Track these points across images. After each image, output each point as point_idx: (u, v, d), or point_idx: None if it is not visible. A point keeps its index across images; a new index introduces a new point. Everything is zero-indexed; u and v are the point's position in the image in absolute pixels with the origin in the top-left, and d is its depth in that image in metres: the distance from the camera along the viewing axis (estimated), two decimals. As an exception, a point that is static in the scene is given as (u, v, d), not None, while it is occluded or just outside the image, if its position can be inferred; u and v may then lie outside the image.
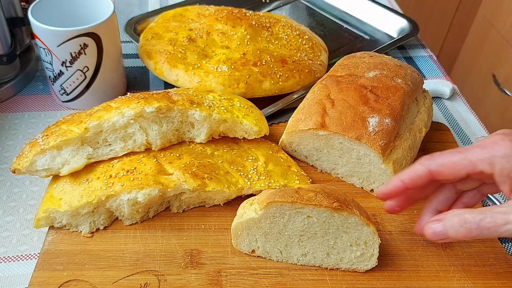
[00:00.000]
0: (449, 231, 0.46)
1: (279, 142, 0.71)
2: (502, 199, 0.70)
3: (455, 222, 0.46)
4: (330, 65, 0.83)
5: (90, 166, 0.60)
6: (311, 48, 0.87)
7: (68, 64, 0.72)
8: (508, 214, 0.43)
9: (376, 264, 0.56)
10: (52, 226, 0.59)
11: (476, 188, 0.53)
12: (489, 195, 0.69)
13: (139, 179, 0.57)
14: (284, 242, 0.56)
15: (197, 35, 0.83)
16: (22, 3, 0.86)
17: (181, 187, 0.59)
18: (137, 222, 0.61)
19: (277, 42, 0.85)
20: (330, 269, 0.57)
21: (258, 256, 0.57)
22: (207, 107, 0.64)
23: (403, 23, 1.03)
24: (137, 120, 0.60)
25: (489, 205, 0.68)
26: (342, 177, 0.69)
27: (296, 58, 0.82)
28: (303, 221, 0.54)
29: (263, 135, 0.67)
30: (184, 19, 0.87)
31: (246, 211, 0.56)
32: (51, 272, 0.54)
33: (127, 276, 0.54)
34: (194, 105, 0.63)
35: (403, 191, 0.51)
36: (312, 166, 0.71)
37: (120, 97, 0.64)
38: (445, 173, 0.48)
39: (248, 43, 0.82)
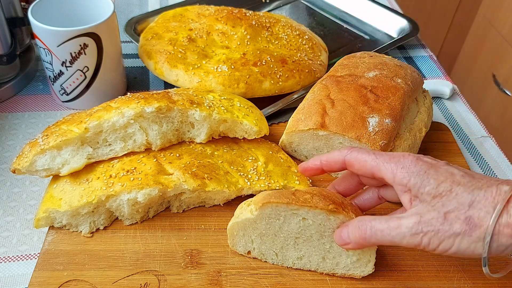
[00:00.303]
0: (350, 234, 0.49)
1: (279, 142, 0.71)
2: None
3: (354, 226, 0.49)
4: (330, 65, 0.83)
5: (90, 166, 0.60)
6: (311, 48, 0.87)
7: (68, 64, 0.72)
8: (399, 219, 0.45)
9: (373, 270, 0.55)
10: (52, 226, 0.59)
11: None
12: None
13: (139, 179, 0.57)
14: (279, 244, 0.55)
15: (197, 35, 0.83)
16: (22, 3, 0.86)
17: (181, 187, 0.59)
18: (137, 222, 0.61)
19: (277, 42, 0.85)
20: (326, 274, 0.56)
21: (254, 258, 0.57)
22: (207, 107, 0.64)
23: (403, 23, 1.03)
24: (137, 120, 0.60)
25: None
26: (342, 177, 0.69)
27: (296, 58, 0.82)
28: (299, 223, 0.53)
29: (263, 135, 0.67)
30: (184, 19, 0.87)
31: (243, 211, 0.55)
32: (51, 272, 0.54)
33: (127, 276, 0.54)
34: (194, 105, 0.63)
35: (319, 170, 0.56)
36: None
37: (120, 97, 0.64)
38: (355, 166, 0.51)
39: (248, 43, 0.82)
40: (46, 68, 0.75)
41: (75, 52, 0.71)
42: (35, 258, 0.58)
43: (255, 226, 0.55)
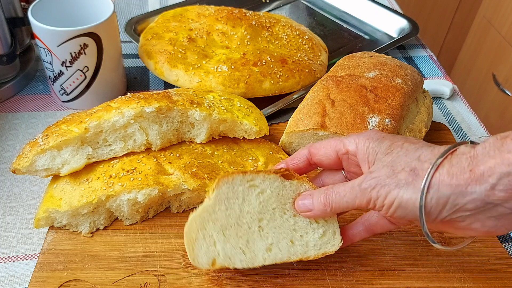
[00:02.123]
0: (314, 200, 0.50)
1: (279, 142, 0.71)
2: None
3: (321, 190, 0.50)
4: (330, 65, 0.83)
5: (90, 166, 0.60)
6: (311, 48, 0.87)
7: (68, 64, 0.72)
8: (355, 181, 0.46)
9: (341, 242, 0.53)
10: (52, 226, 0.59)
11: None
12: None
13: (139, 179, 0.57)
14: (245, 237, 0.51)
15: (197, 35, 0.83)
16: (22, 3, 0.86)
17: (181, 187, 0.59)
18: (137, 222, 0.61)
19: (277, 42, 0.85)
20: (300, 260, 0.52)
21: (220, 271, 0.54)
22: (207, 107, 0.64)
23: (403, 23, 1.03)
24: (137, 120, 0.60)
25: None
26: (342, 177, 0.69)
27: (296, 58, 0.82)
28: (258, 198, 0.51)
29: (263, 135, 0.67)
30: (184, 19, 0.87)
31: (198, 208, 0.51)
32: (51, 272, 0.54)
33: (127, 276, 0.54)
34: (194, 105, 0.63)
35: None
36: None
37: (120, 97, 0.64)
38: (321, 151, 0.52)
39: (248, 43, 0.82)
40: (46, 68, 0.75)
41: (75, 52, 0.71)
42: (35, 258, 0.58)
43: (215, 217, 0.50)
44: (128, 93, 0.65)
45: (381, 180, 0.44)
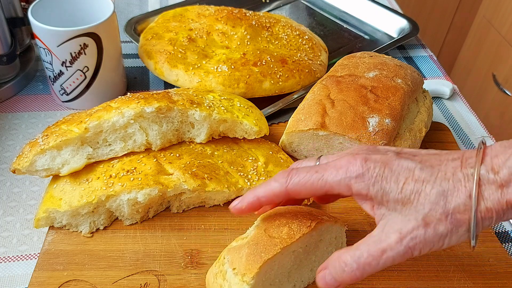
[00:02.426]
0: (337, 279, 0.43)
1: (279, 142, 0.71)
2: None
3: (337, 268, 0.43)
4: (330, 65, 0.83)
5: (90, 166, 0.60)
6: (311, 48, 0.87)
7: (68, 64, 0.72)
8: (380, 243, 0.41)
9: None
10: (52, 226, 0.59)
11: None
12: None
13: (139, 179, 0.57)
14: (276, 286, 0.51)
15: (197, 35, 0.83)
16: (22, 3, 0.86)
17: (181, 187, 0.59)
18: (137, 222, 0.61)
19: (277, 42, 0.85)
20: None
21: None
22: (207, 107, 0.64)
23: (403, 23, 1.03)
24: (137, 120, 0.60)
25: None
26: (342, 177, 0.69)
27: (296, 58, 0.82)
28: (290, 258, 0.50)
29: (263, 135, 0.67)
30: (184, 19, 0.87)
31: (227, 284, 0.48)
32: (51, 272, 0.54)
33: (127, 276, 0.54)
34: (194, 105, 0.63)
35: (258, 207, 0.48)
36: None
37: (120, 97, 0.64)
38: (302, 193, 0.45)
39: (248, 43, 0.82)
40: (46, 68, 0.75)
41: (75, 52, 0.71)
42: (35, 258, 0.58)
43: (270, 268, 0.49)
44: (128, 93, 0.65)
45: (417, 239, 0.40)
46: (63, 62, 0.72)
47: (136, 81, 0.88)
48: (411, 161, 0.42)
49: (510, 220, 0.66)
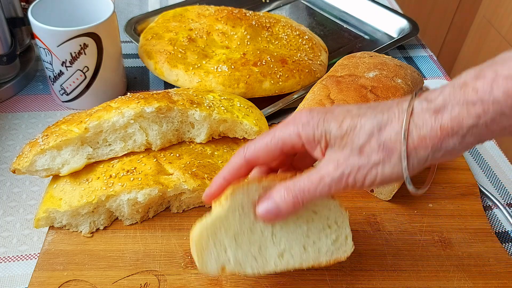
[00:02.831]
0: (280, 205, 0.45)
1: (279, 142, 0.71)
2: (502, 198, 0.70)
3: (279, 193, 0.45)
4: (330, 65, 0.83)
5: (90, 166, 0.60)
6: (311, 48, 0.87)
7: (68, 64, 0.72)
8: (319, 171, 0.44)
9: (353, 247, 0.52)
10: (52, 226, 0.59)
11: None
12: (485, 192, 0.69)
13: (139, 179, 0.57)
14: (257, 243, 0.49)
15: (197, 35, 0.83)
16: (22, 3, 0.86)
17: (181, 187, 0.59)
18: (137, 222, 0.61)
19: (277, 42, 0.85)
20: (313, 268, 0.52)
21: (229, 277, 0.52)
22: (207, 107, 0.64)
23: (403, 23, 1.03)
24: (137, 120, 0.60)
25: (489, 205, 0.69)
26: (342, 177, 0.69)
27: (296, 58, 0.82)
28: None
29: (263, 135, 0.67)
30: (184, 19, 0.87)
31: (206, 217, 0.48)
32: (51, 272, 0.54)
33: (127, 276, 0.54)
34: (194, 105, 0.63)
35: (226, 186, 0.50)
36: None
37: (120, 97, 0.64)
38: (261, 157, 0.48)
39: (248, 43, 0.82)
40: (46, 68, 0.75)
41: (75, 52, 0.71)
42: (35, 258, 0.58)
43: (228, 225, 0.48)
44: (128, 93, 0.65)
45: (352, 165, 0.43)
46: (63, 62, 0.72)
47: (136, 81, 0.88)
48: (350, 105, 0.46)
49: (510, 220, 0.66)
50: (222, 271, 0.48)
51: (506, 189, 0.71)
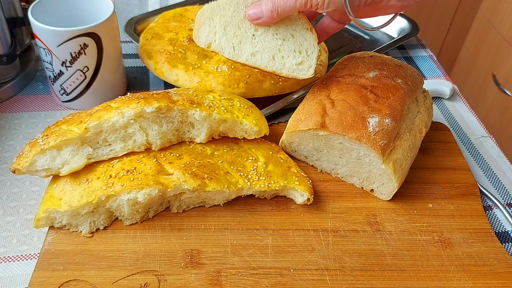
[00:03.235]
0: (263, 11, 0.60)
1: (279, 143, 0.71)
2: (502, 198, 0.70)
3: (268, 3, 0.59)
4: (330, 65, 0.83)
5: (90, 166, 0.60)
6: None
7: (68, 64, 0.72)
8: None
9: (313, 75, 0.64)
10: (52, 226, 0.59)
11: None
12: (485, 192, 0.69)
13: (139, 179, 0.57)
14: (239, 37, 0.64)
15: (197, 35, 0.83)
16: (22, 3, 0.86)
17: (181, 187, 0.59)
18: (137, 222, 0.61)
19: (277, 42, 0.85)
20: (272, 72, 0.66)
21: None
22: (207, 107, 0.64)
23: (403, 23, 1.04)
24: (137, 120, 0.60)
25: (489, 205, 0.69)
26: (342, 177, 0.69)
27: (296, 58, 0.82)
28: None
29: (263, 135, 0.67)
30: (184, 19, 0.87)
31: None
32: (51, 272, 0.54)
33: (127, 276, 0.54)
34: (194, 105, 0.63)
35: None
36: (312, 166, 0.71)
37: (120, 97, 0.64)
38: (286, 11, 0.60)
39: (248, 43, 0.82)
40: (46, 68, 0.75)
41: (75, 52, 0.71)
42: (35, 258, 0.58)
43: (222, 13, 0.63)
44: (128, 93, 0.65)
45: None
46: (63, 62, 0.72)
47: (136, 81, 0.88)
48: None
49: (510, 220, 0.66)
50: (207, 47, 0.66)
51: (506, 189, 0.72)
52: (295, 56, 0.64)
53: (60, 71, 0.73)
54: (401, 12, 1.09)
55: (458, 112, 0.87)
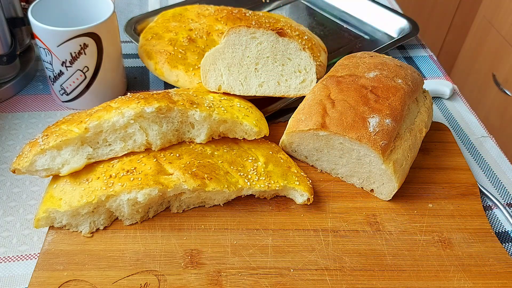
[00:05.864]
0: None
1: (279, 143, 0.71)
2: (502, 198, 0.70)
3: None
4: (330, 65, 0.83)
5: (90, 166, 0.60)
6: (310, 49, 0.87)
7: (68, 64, 0.72)
8: None
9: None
10: (52, 226, 0.59)
11: None
12: (485, 192, 0.69)
13: (139, 179, 0.57)
14: (244, 74, 0.69)
15: (197, 35, 0.83)
16: (22, 3, 0.86)
17: (181, 187, 0.59)
18: (137, 222, 0.61)
19: (277, 42, 0.85)
20: (281, 96, 0.71)
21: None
22: (207, 108, 0.64)
23: (403, 23, 1.03)
24: (137, 120, 0.60)
25: (489, 205, 0.69)
26: (342, 177, 0.69)
27: (296, 58, 0.82)
28: (257, 47, 0.69)
29: (263, 136, 0.67)
30: (184, 19, 0.87)
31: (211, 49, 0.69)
32: (51, 272, 0.54)
33: (127, 276, 0.54)
34: (194, 106, 0.63)
35: None
36: (312, 166, 0.71)
37: (120, 97, 0.64)
38: None
39: (248, 43, 0.82)
40: (46, 68, 0.75)
41: (75, 52, 0.71)
42: (35, 258, 0.58)
43: (223, 57, 0.69)
44: (128, 93, 0.65)
45: None
46: (63, 62, 0.72)
47: (136, 81, 0.88)
48: None
49: (510, 220, 0.66)
50: (218, 89, 0.70)
51: (506, 189, 0.72)
52: (297, 76, 0.70)
53: (60, 71, 0.73)
54: (401, 12, 1.09)
55: (458, 112, 0.87)
